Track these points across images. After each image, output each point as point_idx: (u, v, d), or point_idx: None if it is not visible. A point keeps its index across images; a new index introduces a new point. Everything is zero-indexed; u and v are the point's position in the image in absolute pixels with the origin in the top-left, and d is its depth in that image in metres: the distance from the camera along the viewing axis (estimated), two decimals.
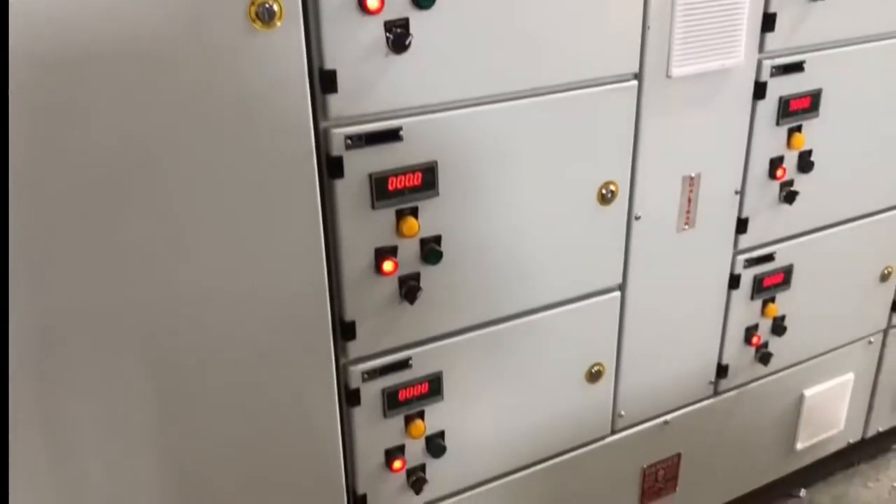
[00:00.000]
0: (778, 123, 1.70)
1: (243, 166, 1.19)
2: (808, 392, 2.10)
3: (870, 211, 1.97)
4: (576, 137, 1.48)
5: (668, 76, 1.52)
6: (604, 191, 1.55)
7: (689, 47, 1.51)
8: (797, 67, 1.67)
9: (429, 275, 1.41)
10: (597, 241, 1.59)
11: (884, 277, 2.09)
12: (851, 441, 2.31)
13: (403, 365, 1.46)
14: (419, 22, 1.24)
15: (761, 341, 1.92)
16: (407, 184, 1.32)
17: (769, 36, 1.60)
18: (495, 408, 1.60)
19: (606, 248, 1.61)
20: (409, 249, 1.38)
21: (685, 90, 1.56)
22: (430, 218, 1.37)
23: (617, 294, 1.67)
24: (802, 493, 2.31)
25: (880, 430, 2.36)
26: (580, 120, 1.47)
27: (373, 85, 1.24)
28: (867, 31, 1.75)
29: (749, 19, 1.56)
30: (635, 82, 1.50)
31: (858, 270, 2.04)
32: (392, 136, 1.28)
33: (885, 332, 2.20)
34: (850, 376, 2.17)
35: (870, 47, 1.76)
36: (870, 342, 2.17)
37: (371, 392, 1.44)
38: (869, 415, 2.31)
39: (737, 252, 1.80)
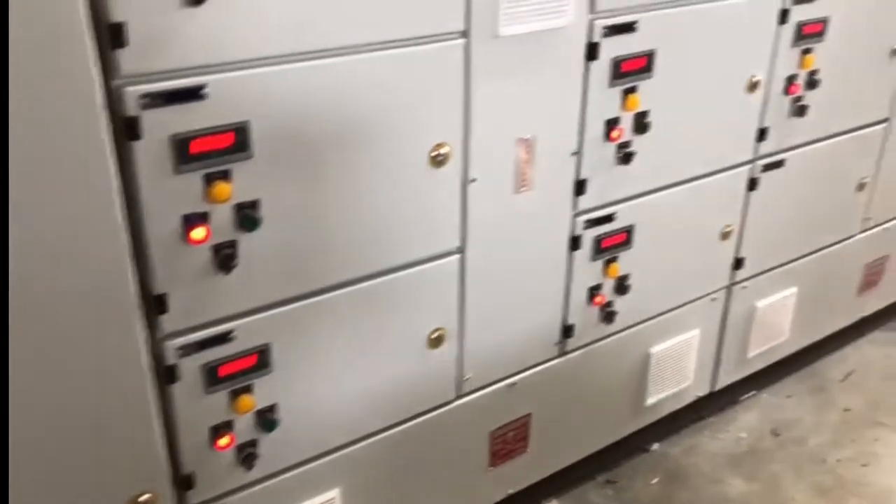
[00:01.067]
0: (611, 85, 1.70)
1: (29, 126, 1.09)
2: (654, 349, 2.16)
3: (707, 171, 2.03)
4: (402, 98, 1.44)
5: (496, 35, 1.49)
6: (435, 153, 1.51)
7: (517, 6, 1.48)
8: (629, 28, 1.68)
9: (248, 242, 1.35)
10: (432, 204, 1.57)
11: (724, 236, 2.16)
12: (700, 395, 2.39)
13: (224, 338, 1.40)
14: None
15: (605, 301, 1.95)
16: (215, 145, 1.25)
17: None
18: (333, 378, 1.57)
19: (442, 211, 1.59)
20: (222, 215, 1.31)
21: (516, 50, 1.54)
22: (245, 182, 1.31)
23: (456, 257, 1.65)
24: (654, 446, 2.38)
25: (727, 383, 2.46)
26: (405, 79, 1.43)
27: (170, 39, 1.16)
28: None
29: None
30: (462, 41, 1.47)
31: (699, 229, 2.10)
32: (193, 94, 1.21)
33: (729, 289, 2.28)
34: (695, 332, 2.24)
35: (702, 8, 1.79)
36: (713, 299, 2.25)
37: (189, 368, 1.38)
38: (716, 369, 2.40)
39: (576, 213, 1.81)
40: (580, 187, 1.77)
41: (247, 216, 1.31)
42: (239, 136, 1.28)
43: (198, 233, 1.27)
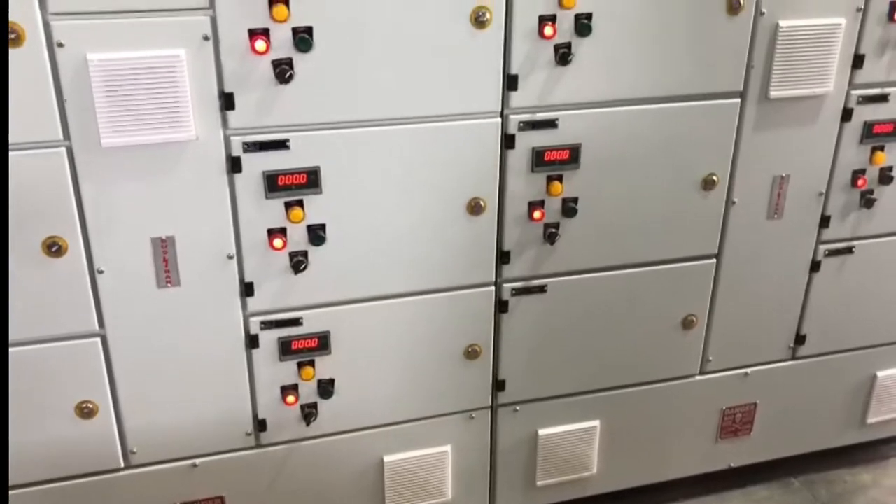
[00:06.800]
0: (267, 198, 1.77)
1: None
2: (388, 458, 2.12)
3: (435, 287, 1.99)
4: None
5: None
6: None
7: (120, 119, 1.60)
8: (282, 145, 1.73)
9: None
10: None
11: (470, 355, 2.07)
12: None
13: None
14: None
15: (299, 402, 1.97)
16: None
17: (239, 109, 1.68)
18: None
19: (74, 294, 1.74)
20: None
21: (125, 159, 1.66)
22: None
23: (94, 340, 1.79)
24: None
25: None
26: None
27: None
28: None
29: (204, 96, 1.65)
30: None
31: (433, 344, 2.04)
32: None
33: (493, 410, 2.17)
34: (445, 448, 2.16)
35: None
36: (471, 417, 2.15)
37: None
38: (492, 492, 2.28)
39: (250, 314, 1.88)
40: (248, 290, 1.84)
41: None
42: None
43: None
